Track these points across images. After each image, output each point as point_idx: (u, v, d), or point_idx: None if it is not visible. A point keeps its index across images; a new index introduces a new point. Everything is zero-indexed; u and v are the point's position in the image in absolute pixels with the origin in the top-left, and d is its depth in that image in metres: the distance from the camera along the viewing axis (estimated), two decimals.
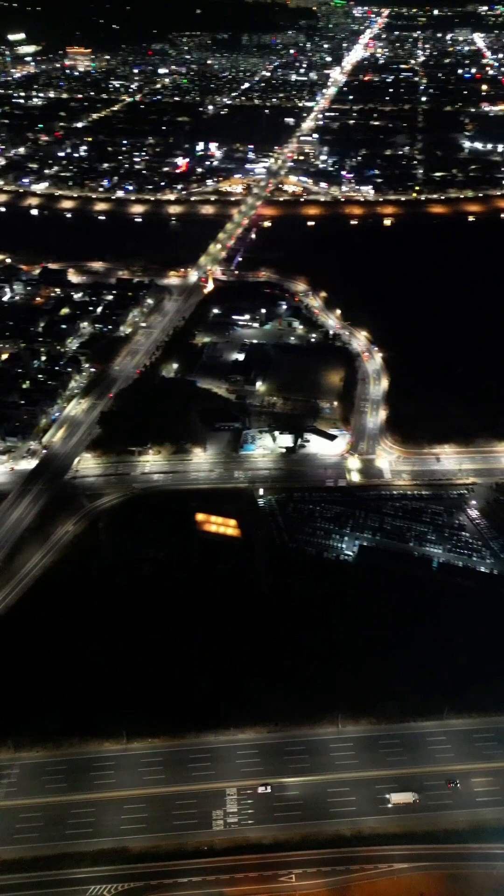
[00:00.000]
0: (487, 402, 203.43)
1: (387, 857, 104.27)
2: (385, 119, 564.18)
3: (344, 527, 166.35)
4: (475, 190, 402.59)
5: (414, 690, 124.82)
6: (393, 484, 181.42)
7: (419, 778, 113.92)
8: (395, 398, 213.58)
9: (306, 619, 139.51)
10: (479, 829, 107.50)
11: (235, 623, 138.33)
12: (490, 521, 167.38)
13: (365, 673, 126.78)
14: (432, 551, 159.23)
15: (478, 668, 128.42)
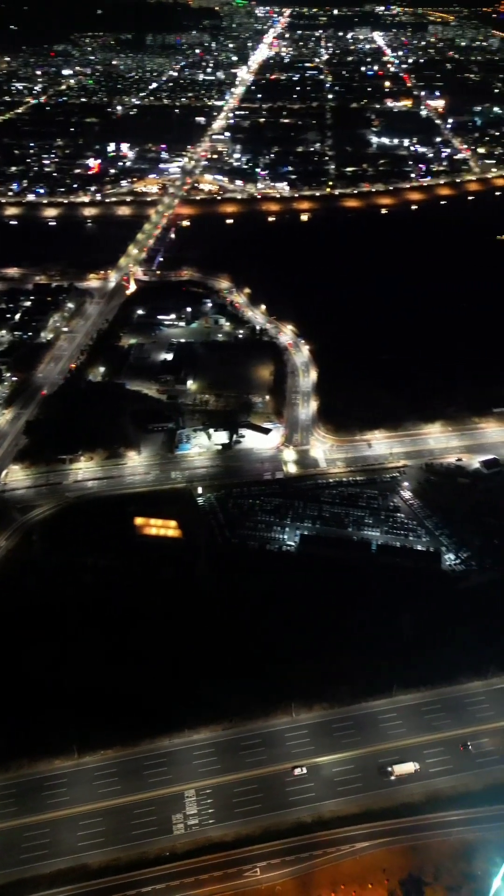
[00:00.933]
0: (412, 386, 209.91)
1: (348, 837, 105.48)
2: (295, 117, 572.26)
3: (284, 518, 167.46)
4: (385, 183, 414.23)
5: (363, 671, 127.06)
6: (329, 472, 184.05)
7: (373, 756, 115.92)
8: (324, 388, 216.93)
9: (254, 612, 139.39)
10: (434, 798, 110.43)
11: (183, 624, 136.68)
12: (422, 500, 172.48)
13: (315, 659, 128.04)
14: (370, 534, 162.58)
15: (421, 643, 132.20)
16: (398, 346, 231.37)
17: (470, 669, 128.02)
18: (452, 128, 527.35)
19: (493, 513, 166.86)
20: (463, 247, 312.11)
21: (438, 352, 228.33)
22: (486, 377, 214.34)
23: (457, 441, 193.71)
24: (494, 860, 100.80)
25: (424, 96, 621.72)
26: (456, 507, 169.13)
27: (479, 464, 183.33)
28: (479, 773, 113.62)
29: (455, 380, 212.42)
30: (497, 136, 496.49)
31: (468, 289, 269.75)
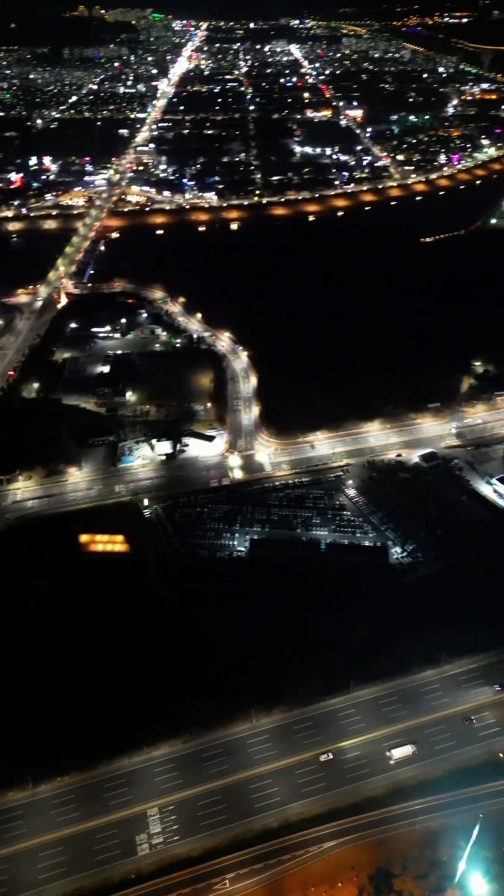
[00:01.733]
0: (350, 387, 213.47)
1: (316, 838, 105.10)
2: (218, 128, 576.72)
3: (233, 524, 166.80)
4: (311, 191, 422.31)
5: (321, 670, 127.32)
6: (275, 475, 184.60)
7: (336, 754, 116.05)
8: (265, 393, 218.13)
9: (207, 621, 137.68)
10: (397, 789, 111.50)
11: (136, 639, 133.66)
12: (367, 497, 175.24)
13: (272, 662, 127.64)
14: (319, 534, 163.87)
15: (374, 637, 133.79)
16: (334, 349, 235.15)
17: (423, 659, 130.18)
18: (371, 136, 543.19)
19: (435, 505, 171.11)
20: (389, 250, 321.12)
21: (373, 352, 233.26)
22: (420, 374, 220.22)
23: (396, 437, 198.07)
24: (459, 844, 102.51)
25: (343, 106, 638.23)
26: (399, 501, 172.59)
27: (419, 458, 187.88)
28: (438, 760, 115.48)
29: (391, 378, 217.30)
30: (414, 144, 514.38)
31: (396, 290, 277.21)
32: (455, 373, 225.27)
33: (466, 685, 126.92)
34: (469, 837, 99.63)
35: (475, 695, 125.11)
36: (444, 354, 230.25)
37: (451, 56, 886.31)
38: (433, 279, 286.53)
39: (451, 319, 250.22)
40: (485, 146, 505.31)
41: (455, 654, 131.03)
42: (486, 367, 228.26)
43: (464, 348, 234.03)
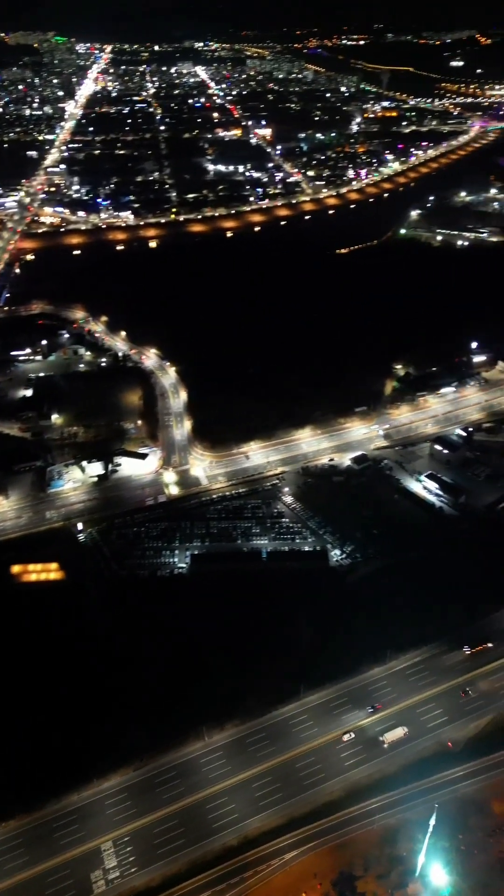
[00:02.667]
0: (280, 396, 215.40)
1: (277, 851, 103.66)
2: (129, 147, 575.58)
3: (172, 541, 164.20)
4: (227, 207, 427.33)
5: (270, 679, 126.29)
6: (211, 489, 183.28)
7: (291, 762, 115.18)
8: (196, 407, 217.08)
9: (151, 642, 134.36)
10: (353, 790, 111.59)
11: (76, 669, 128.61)
12: (303, 503, 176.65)
13: (220, 677, 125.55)
14: (259, 543, 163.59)
15: (320, 640, 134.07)
16: (262, 359, 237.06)
17: (369, 657, 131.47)
18: (282, 153, 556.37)
19: (369, 505, 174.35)
20: (306, 262, 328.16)
21: (299, 361, 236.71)
22: (346, 380, 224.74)
23: (327, 442, 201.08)
24: (417, 838, 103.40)
25: (252, 125, 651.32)
26: (335, 504, 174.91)
27: (350, 461, 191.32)
28: (390, 757, 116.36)
29: (318, 385, 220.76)
30: (323, 160, 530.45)
31: (316, 300, 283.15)
32: (378, 377, 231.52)
33: (413, 679, 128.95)
34: (426, 830, 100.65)
35: (422, 688, 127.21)
36: (367, 360, 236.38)
37: (352, 76, 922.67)
38: (350, 288, 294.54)
39: (371, 326, 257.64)
40: (389, 161, 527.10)
41: (400, 650, 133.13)
42: (407, 369, 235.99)
43: (385, 353, 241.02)
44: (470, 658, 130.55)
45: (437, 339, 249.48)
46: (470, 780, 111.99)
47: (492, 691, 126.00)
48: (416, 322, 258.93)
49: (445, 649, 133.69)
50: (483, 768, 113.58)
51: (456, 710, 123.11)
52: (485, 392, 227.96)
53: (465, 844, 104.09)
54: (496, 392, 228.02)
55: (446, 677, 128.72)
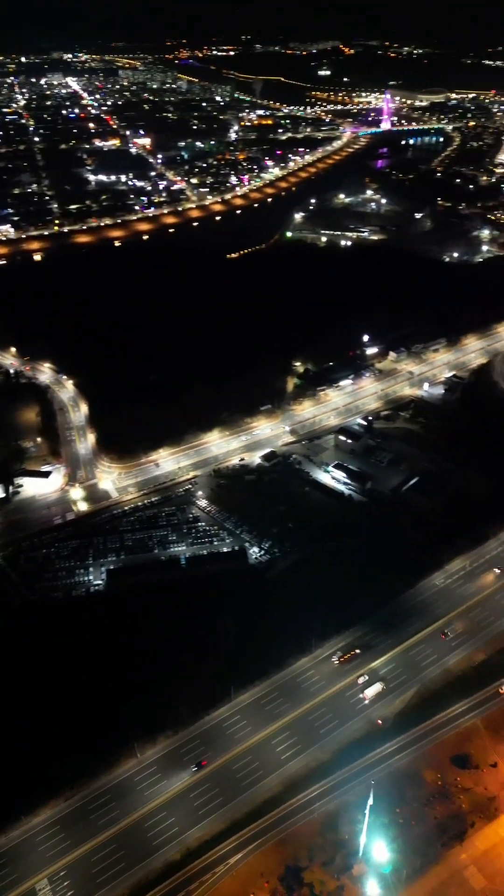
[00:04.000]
0: (185, 400, 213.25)
1: (221, 857, 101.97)
2: (2, 160, 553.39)
3: (86, 559, 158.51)
4: (113, 217, 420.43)
5: (199, 685, 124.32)
6: (123, 501, 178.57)
7: (228, 765, 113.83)
8: (99, 419, 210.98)
9: (72, 665, 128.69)
10: (291, 783, 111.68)
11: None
12: (218, 505, 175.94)
13: (148, 691, 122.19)
14: (177, 550, 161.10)
15: (248, 639, 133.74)
16: (162, 366, 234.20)
17: (295, 649, 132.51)
18: (163, 162, 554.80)
19: (282, 500, 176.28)
20: (198, 267, 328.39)
21: (200, 364, 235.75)
22: (248, 380, 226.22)
23: (236, 443, 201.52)
24: (357, 819, 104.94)
25: (130, 135, 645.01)
26: (249, 503, 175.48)
27: (260, 459, 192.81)
28: (324, 743, 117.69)
29: (222, 388, 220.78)
30: (205, 168, 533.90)
31: (211, 304, 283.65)
32: (279, 375, 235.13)
33: (338, 664, 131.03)
34: (365, 809, 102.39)
35: (348, 672, 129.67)
36: (266, 359, 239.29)
37: (225, 86, 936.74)
38: (243, 291, 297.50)
39: (267, 326, 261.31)
40: (270, 167, 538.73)
41: (324, 638, 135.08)
42: (306, 365, 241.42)
43: (283, 351, 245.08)
44: (341, 665, 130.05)
45: (332, 335, 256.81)
46: (401, 754, 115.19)
47: (413, 664, 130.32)
48: (310, 320, 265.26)
49: (368, 631, 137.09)
50: (412, 740, 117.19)
51: (384, 689, 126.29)
52: (380, 382, 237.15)
53: (403, 817, 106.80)
54: (390, 381, 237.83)
55: (371, 657, 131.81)
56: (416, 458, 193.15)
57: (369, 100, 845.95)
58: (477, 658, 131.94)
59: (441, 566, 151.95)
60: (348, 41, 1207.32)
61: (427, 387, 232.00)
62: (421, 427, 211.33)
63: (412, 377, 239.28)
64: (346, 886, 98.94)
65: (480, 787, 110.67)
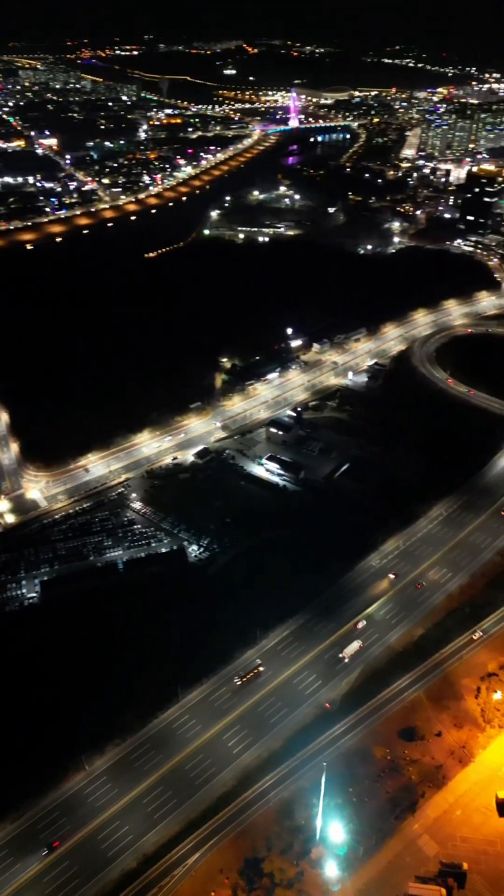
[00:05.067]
0: (112, 402, 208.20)
1: (179, 859, 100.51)
2: None
3: (17, 572, 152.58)
4: (22, 220, 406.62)
5: (145, 690, 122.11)
6: (52, 510, 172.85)
7: (180, 766, 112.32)
8: (21, 427, 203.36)
9: (10, 683, 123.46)
10: (244, 776, 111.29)
11: None
12: (154, 506, 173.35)
13: (92, 701, 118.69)
14: (114, 555, 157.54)
15: (192, 637, 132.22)
16: (85, 369, 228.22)
17: (240, 642, 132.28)
18: (72, 163, 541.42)
19: (218, 496, 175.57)
20: (117, 268, 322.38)
21: (125, 366, 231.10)
22: (176, 379, 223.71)
23: (168, 442, 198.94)
24: (312, 803, 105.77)
25: (35, 136, 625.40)
26: (185, 501, 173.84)
27: (194, 456, 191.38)
28: (274, 732, 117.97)
29: (150, 387, 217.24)
30: (116, 168, 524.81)
31: (132, 303, 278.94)
32: (207, 372, 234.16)
33: (285, 652, 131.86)
34: (319, 792, 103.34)
35: (294, 658, 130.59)
36: (193, 357, 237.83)
37: (131, 85, 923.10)
38: (164, 289, 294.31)
39: (191, 324, 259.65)
40: (182, 165, 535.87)
41: (268, 628, 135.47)
42: (233, 361, 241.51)
43: (209, 348, 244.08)
44: (243, 685, 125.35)
45: (256, 330, 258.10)
46: (351, 734, 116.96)
47: (360, 648, 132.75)
48: (234, 315, 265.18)
49: (311, 617, 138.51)
50: (360, 719, 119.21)
51: (329, 673, 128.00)
52: (306, 373, 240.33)
53: (356, 795, 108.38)
54: (316, 372, 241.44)
55: (315, 643, 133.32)
56: (346, 445, 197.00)
57: (276, 98, 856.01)
58: (416, 633, 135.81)
59: (376, 547, 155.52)
60: (251, 41, 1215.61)
61: (351, 375, 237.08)
62: (348, 415, 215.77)
63: (336, 367, 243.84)
64: (306, 871, 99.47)
65: (427, 757, 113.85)
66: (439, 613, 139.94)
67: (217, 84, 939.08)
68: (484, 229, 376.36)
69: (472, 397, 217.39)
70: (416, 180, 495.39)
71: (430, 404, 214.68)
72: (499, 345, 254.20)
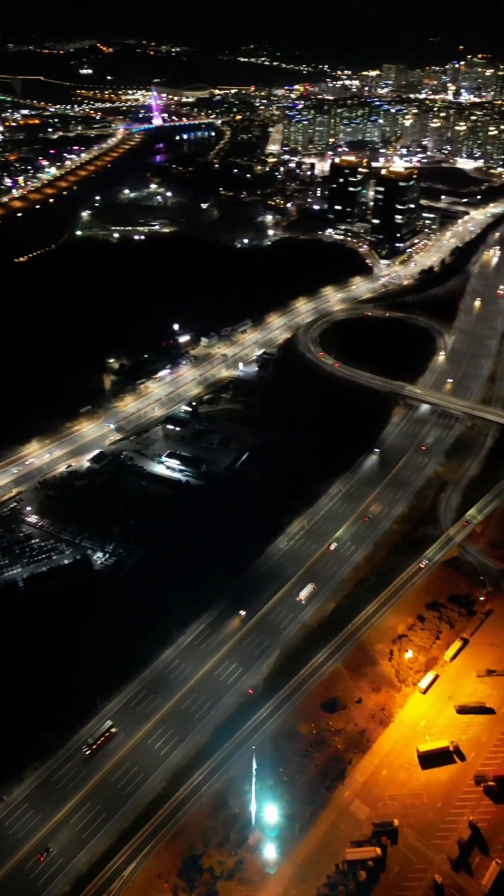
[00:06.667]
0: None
1: (114, 872, 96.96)
2: None
3: None
4: None
5: (61, 706, 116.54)
6: None
7: (107, 778, 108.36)
8: None
9: None
10: (174, 776, 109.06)
11: None
12: (51, 517, 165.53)
13: (5, 731, 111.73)
14: (12, 574, 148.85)
15: (105, 646, 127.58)
16: None
17: (157, 642, 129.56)
18: None
19: (120, 499, 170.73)
20: None
21: (7, 373, 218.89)
22: (62, 384, 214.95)
23: (60, 450, 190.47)
24: (245, 790, 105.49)
25: None
26: (85, 509, 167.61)
27: (89, 462, 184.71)
28: (201, 727, 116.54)
29: (35, 395, 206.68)
30: None
31: (7, 309, 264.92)
32: (95, 374, 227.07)
33: (202, 647, 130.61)
34: (251, 778, 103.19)
35: (212, 651, 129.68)
36: (78, 360, 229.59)
37: None
38: (40, 294, 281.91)
39: (73, 327, 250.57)
40: (45, 167, 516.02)
41: (184, 625, 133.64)
42: (121, 361, 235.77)
43: (95, 350, 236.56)
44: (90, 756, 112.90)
45: (142, 328, 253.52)
46: (276, 715, 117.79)
47: (273, 628, 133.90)
48: (117, 315, 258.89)
49: (226, 608, 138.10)
50: (283, 699, 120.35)
51: (249, 658, 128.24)
52: (197, 368, 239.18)
53: (286, 774, 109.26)
54: (206, 366, 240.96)
55: (232, 633, 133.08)
56: (244, 434, 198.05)
57: (137, 97, 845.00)
58: (329, 608, 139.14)
59: (283, 529, 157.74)
60: (105, 40, 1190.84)
61: (242, 366, 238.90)
62: (242, 405, 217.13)
63: (227, 359, 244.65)
64: (246, 859, 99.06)
65: (351, 724, 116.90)
66: (348, 585, 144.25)
67: (74, 84, 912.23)
68: (352, 218, 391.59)
69: (358, 377, 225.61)
70: (284, 174, 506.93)
71: (320, 387, 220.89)
72: (377, 326, 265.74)
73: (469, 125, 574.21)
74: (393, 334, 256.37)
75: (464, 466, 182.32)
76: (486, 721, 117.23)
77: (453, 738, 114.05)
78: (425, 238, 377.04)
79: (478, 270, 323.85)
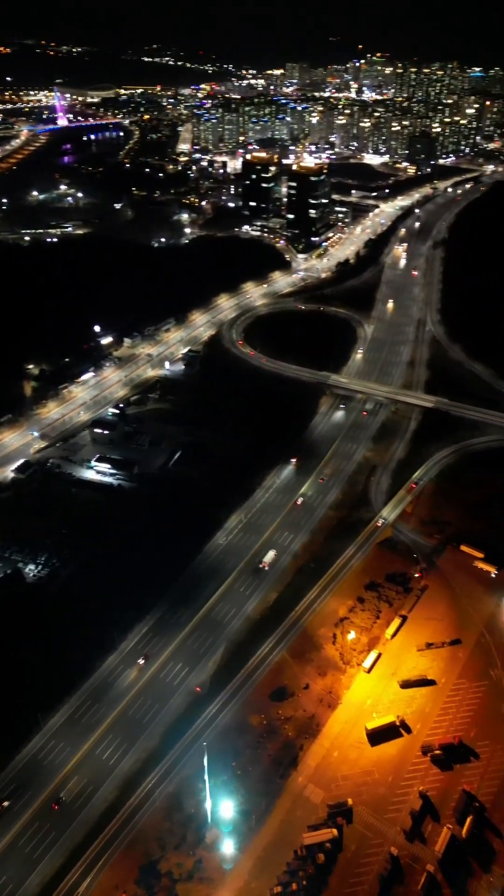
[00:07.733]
0: None
1: (68, 891, 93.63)
2: None
3: None
4: None
5: (1, 729, 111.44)
6: None
7: (54, 795, 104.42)
8: None
9: None
10: (126, 784, 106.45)
11: None
12: None
13: None
14: None
15: (43, 657, 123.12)
16: None
17: (99, 650, 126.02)
18: None
19: (50, 508, 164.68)
20: None
21: None
22: None
23: None
24: (199, 788, 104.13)
25: None
26: (11, 522, 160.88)
27: (13, 472, 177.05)
28: (150, 731, 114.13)
29: None
30: None
31: None
32: (12, 381, 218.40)
33: (146, 651, 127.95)
34: (203, 775, 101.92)
35: (158, 652, 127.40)
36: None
37: None
38: None
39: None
40: None
41: (126, 630, 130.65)
42: (41, 366, 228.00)
43: (11, 357, 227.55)
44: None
45: (61, 332, 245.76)
46: (225, 710, 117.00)
47: (217, 624, 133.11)
48: (34, 319, 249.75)
49: (167, 608, 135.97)
50: (232, 693, 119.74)
51: (194, 657, 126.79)
52: (121, 369, 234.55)
53: (240, 768, 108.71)
54: (131, 367, 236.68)
55: (176, 632, 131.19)
56: (175, 433, 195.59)
57: (39, 98, 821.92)
58: (271, 598, 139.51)
59: (221, 525, 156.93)
60: (2, 40, 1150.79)
61: (168, 365, 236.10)
62: (171, 404, 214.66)
63: (152, 359, 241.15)
64: (204, 857, 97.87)
65: (300, 711, 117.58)
66: (289, 574, 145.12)
67: None
68: (267, 214, 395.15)
69: (284, 370, 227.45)
70: (196, 172, 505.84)
71: (248, 382, 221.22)
72: (300, 319, 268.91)
73: (373, 122, 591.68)
74: (315, 326, 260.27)
75: (391, 450, 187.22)
76: (428, 693, 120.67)
77: (399, 712, 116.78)
78: (339, 232, 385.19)
79: (391, 261, 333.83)
